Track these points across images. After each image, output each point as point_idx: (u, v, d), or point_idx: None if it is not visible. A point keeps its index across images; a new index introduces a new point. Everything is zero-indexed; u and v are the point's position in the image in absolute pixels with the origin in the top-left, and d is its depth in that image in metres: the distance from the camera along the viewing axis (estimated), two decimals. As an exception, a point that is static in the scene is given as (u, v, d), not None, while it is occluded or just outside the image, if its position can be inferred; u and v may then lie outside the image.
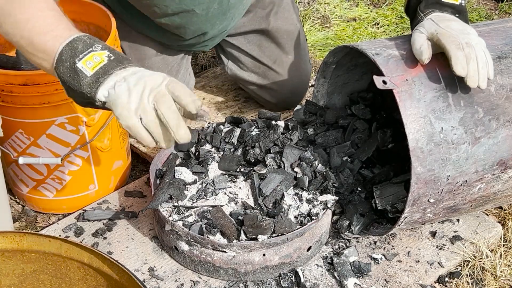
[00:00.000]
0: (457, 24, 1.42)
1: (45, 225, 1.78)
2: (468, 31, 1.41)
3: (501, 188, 1.55)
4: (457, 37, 1.38)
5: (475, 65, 1.36)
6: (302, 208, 1.57)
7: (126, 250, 1.64)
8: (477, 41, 1.40)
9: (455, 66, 1.36)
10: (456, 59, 1.36)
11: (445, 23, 1.41)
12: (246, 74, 2.09)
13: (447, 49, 1.37)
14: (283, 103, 2.09)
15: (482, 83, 1.38)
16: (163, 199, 1.56)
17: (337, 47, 1.65)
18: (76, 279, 1.38)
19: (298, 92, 2.10)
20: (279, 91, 2.08)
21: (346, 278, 1.55)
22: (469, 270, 1.62)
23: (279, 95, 2.09)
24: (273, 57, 2.04)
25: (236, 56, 2.06)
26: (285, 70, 2.06)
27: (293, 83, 2.07)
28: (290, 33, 2.04)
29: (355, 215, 1.62)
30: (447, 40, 1.38)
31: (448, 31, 1.39)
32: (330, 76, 1.80)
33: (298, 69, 2.08)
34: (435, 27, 1.41)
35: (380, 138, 1.73)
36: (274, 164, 1.65)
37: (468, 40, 1.38)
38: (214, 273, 1.54)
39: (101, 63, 1.20)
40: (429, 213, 1.50)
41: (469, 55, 1.36)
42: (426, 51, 1.40)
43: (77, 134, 1.66)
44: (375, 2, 3.07)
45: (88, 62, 1.21)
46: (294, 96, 2.10)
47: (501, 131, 1.47)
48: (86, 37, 1.23)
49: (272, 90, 2.09)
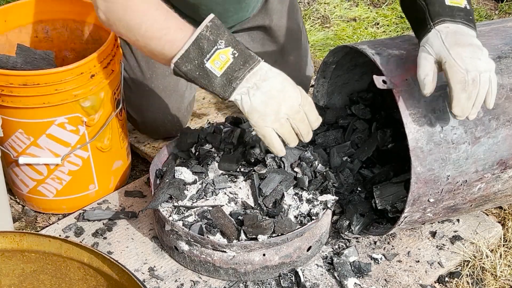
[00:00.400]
0: (469, 51, 1.30)
1: (45, 225, 1.78)
2: (478, 57, 1.31)
3: (501, 187, 1.55)
4: (465, 74, 1.28)
5: (472, 103, 1.31)
6: (302, 208, 1.57)
7: (126, 250, 1.64)
8: (484, 70, 1.30)
9: (454, 107, 1.30)
10: (457, 101, 1.29)
11: (455, 49, 1.30)
12: None
13: (451, 86, 1.30)
14: None
15: (471, 116, 1.33)
16: (163, 199, 1.56)
17: (337, 47, 1.65)
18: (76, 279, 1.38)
19: None
20: None
21: (346, 278, 1.55)
22: (469, 270, 1.62)
23: None
24: (274, 57, 2.04)
25: None
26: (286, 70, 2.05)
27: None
28: (293, 32, 2.04)
29: (355, 215, 1.62)
30: (454, 77, 1.29)
31: (458, 64, 1.29)
32: (330, 76, 1.80)
33: (299, 69, 2.07)
34: (444, 52, 1.30)
35: (380, 138, 1.73)
36: (274, 164, 1.65)
37: (475, 74, 1.28)
38: (214, 273, 1.54)
39: (227, 62, 1.35)
40: (429, 212, 1.50)
41: (469, 94, 1.29)
42: (430, 85, 1.32)
43: (77, 134, 1.66)
44: (375, 2, 3.07)
45: (216, 62, 1.35)
46: None
47: (501, 131, 1.47)
48: (208, 32, 1.35)
49: None
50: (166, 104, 1.91)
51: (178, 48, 1.37)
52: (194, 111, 2.17)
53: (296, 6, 2.08)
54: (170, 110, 1.93)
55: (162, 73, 1.90)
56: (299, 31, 2.06)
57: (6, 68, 1.66)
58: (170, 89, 1.92)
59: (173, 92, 1.93)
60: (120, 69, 1.72)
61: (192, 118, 2.13)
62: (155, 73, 1.90)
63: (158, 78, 1.91)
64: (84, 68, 1.58)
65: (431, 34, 1.34)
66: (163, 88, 1.92)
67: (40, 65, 1.76)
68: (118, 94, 1.74)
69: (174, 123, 1.95)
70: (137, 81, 1.90)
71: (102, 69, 1.62)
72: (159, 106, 1.92)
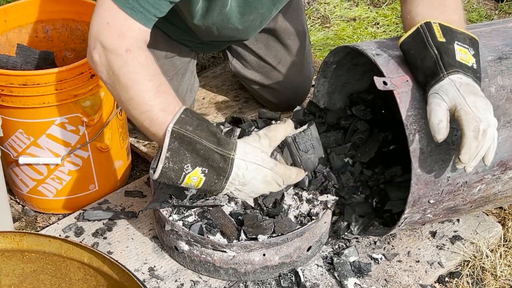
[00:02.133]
0: (482, 102, 1.31)
1: (45, 225, 1.78)
2: (490, 109, 1.32)
3: (501, 189, 1.55)
4: (478, 122, 1.28)
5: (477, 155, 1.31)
6: (302, 208, 1.57)
7: (126, 250, 1.64)
8: (493, 125, 1.31)
9: (463, 154, 1.30)
10: (468, 148, 1.29)
11: (471, 98, 1.30)
12: (249, 73, 2.09)
13: (464, 133, 1.29)
14: (284, 104, 2.09)
15: (469, 169, 1.34)
16: (163, 199, 1.56)
17: (338, 47, 1.64)
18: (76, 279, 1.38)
19: (300, 93, 2.10)
20: (281, 92, 2.08)
21: (346, 278, 1.55)
22: (469, 270, 1.62)
23: (281, 95, 2.09)
24: (279, 57, 2.04)
25: (242, 54, 2.06)
26: (289, 70, 2.06)
27: (295, 84, 2.07)
28: (297, 33, 2.03)
29: (353, 216, 1.62)
30: (469, 124, 1.29)
31: (472, 112, 1.29)
32: (330, 75, 1.80)
33: (302, 70, 2.08)
34: (460, 99, 1.30)
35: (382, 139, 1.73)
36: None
37: (485, 126, 1.29)
38: (214, 273, 1.54)
39: (201, 181, 1.39)
40: (429, 213, 1.50)
41: (480, 146, 1.30)
42: (444, 131, 1.30)
43: (77, 134, 1.66)
44: (375, 2, 3.07)
45: (190, 183, 1.40)
46: (296, 97, 2.10)
47: (502, 132, 1.47)
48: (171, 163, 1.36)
49: (274, 90, 2.09)
50: None
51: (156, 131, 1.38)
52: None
53: (301, 7, 2.08)
54: None
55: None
56: (304, 32, 2.06)
57: (6, 68, 1.66)
58: None
59: None
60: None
61: (192, 118, 2.13)
62: None
63: None
64: (84, 68, 1.58)
65: (444, 82, 1.33)
66: None
67: (40, 65, 1.76)
68: (118, 94, 1.74)
69: None
70: None
71: (102, 69, 1.62)
72: None
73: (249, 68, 2.08)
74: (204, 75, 2.38)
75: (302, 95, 2.11)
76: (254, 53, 2.05)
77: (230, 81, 2.31)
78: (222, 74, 2.36)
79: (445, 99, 1.32)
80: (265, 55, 2.04)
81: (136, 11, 1.38)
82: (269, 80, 2.07)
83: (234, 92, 2.27)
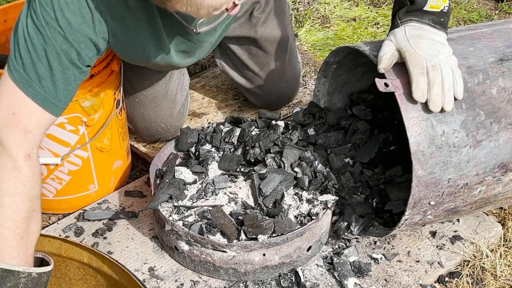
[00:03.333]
0: (428, 43, 1.39)
1: (45, 225, 1.78)
2: (438, 50, 1.39)
3: (502, 190, 1.55)
4: (423, 60, 1.36)
5: (439, 89, 1.36)
6: (302, 208, 1.57)
7: (126, 250, 1.64)
8: (445, 61, 1.38)
9: (414, 92, 1.37)
10: (416, 85, 1.36)
11: (415, 40, 1.39)
12: (235, 75, 2.07)
13: (410, 72, 1.38)
14: (269, 107, 2.05)
15: (447, 106, 1.38)
16: (163, 199, 1.56)
17: (339, 48, 1.64)
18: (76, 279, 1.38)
19: (285, 96, 2.09)
20: (265, 96, 2.07)
21: (346, 278, 1.55)
22: (469, 270, 1.62)
23: (265, 99, 2.07)
24: (261, 64, 2.02)
25: (229, 56, 2.05)
26: (272, 76, 2.03)
27: (279, 88, 2.05)
28: (279, 40, 2.01)
29: (353, 216, 1.62)
30: (412, 63, 1.37)
31: (415, 52, 1.38)
32: (331, 75, 1.80)
33: (286, 74, 2.05)
34: (404, 42, 1.40)
35: (382, 140, 1.73)
36: (274, 164, 1.65)
37: (435, 62, 1.36)
38: (214, 273, 1.54)
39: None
40: (430, 215, 1.50)
41: (433, 79, 1.35)
42: (386, 61, 1.40)
43: (76, 134, 1.66)
44: (375, 2, 3.07)
45: None
46: (281, 100, 2.09)
47: (502, 134, 1.46)
48: None
49: (258, 95, 2.07)
50: (157, 113, 1.91)
51: None
52: (193, 110, 2.16)
53: (283, 10, 2.03)
54: (162, 118, 1.92)
55: (150, 83, 1.89)
56: (286, 37, 2.02)
57: (6, 68, 1.66)
58: (160, 98, 1.91)
59: (163, 100, 1.92)
60: (120, 69, 1.72)
61: (192, 118, 2.13)
62: (143, 84, 1.88)
63: (147, 89, 1.89)
64: (84, 68, 1.58)
65: (397, 29, 1.43)
66: (152, 98, 1.90)
67: (40, 65, 1.76)
68: (117, 94, 1.74)
69: (168, 129, 1.95)
70: (126, 93, 1.87)
71: (102, 69, 1.62)
72: (150, 116, 1.91)
73: (235, 71, 2.07)
74: (204, 75, 2.38)
75: (287, 98, 2.10)
76: (238, 59, 2.02)
77: (230, 81, 2.31)
78: (222, 74, 2.36)
79: (393, 40, 1.43)
80: (247, 62, 2.01)
81: (48, 102, 1.31)
82: (252, 85, 2.05)
83: (234, 91, 2.27)
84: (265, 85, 2.04)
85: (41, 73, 1.30)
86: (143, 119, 1.92)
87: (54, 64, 1.31)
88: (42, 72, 1.30)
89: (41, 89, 1.30)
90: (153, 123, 1.92)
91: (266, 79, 2.03)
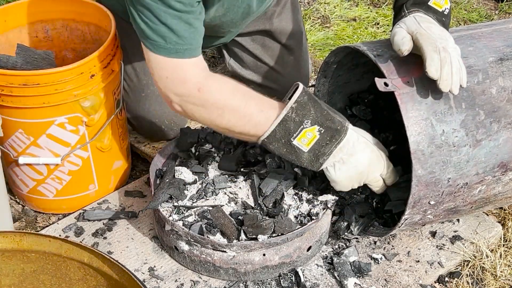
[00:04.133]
0: (438, 29, 1.43)
1: (45, 225, 1.78)
2: (446, 37, 1.42)
3: (502, 190, 1.55)
4: (435, 41, 1.38)
5: (449, 69, 1.36)
6: (302, 208, 1.57)
7: (126, 250, 1.64)
8: (453, 47, 1.40)
9: (429, 67, 1.36)
10: (431, 60, 1.36)
11: (426, 24, 1.42)
12: (246, 73, 2.09)
13: (424, 49, 1.37)
14: None
15: (455, 88, 1.38)
16: (163, 199, 1.56)
17: (339, 47, 1.64)
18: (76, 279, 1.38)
19: None
20: (279, 91, 2.08)
21: (346, 278, 1.55)
22: (469, 270, 1.62)
23: (278, 94, 2.08)
24: (275, 57, 2.04)
25: (239, 55, 2.06)
26: (286, 70, 2.06)
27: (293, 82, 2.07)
28: (294, 33, 2.03)
29: (353, 216, 1.62)
30: (426, 41, 1.38)
31: (428, 33, 1.40)
32: (331, 75, 1.80)
33: (299, 69, 2.08)
34: (416, 26, 1.42)
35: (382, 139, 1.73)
36: (274, 164, 1.65)
37: (445, 45, 1.38)
38: (214, 273, 1.54)
39: (314, 139, 1.44)
40: (430, 214, 1.50)
41: (444, 59, 1.36)
42: (408, 43, 1.39)
43: (77, 134, 1.66)
44: (375, 2, 3.07)
45: (303, 139, 1.44)
46: None
47: (502, 134, 1.47)
48: (294, 114, 1.43)
49: (271, 90, 2.08)
50: (162, 110, 1.91)
51: (263, 130, 1.44)
52: (194, 111, 2.16)
53: (297, 6, 2.07)
54: (167, 115, 1.92)
55: None
56: (300, 31, 2.06)
57: (6, 68, 1.66)
58: None
59: None
60: (120, 69, 1.72)
61: (192, 118, 2.13)
62: (151, 79, 1.89)
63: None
64: (84, 68, 1.58)
65: (406, 18, 1.45)
66: (158, 93, 1.91)
67: (40, 65, 1.76)
68: (118, 94, 1.74)
69: (171, 127, 1.95)
70: (133, 87, 1.89)
71: (102, 69, 1.62)
72: (155, 112, 1.91)
73: (246, 68, 2.08)
74: (204, 75, 2.37)
75: None
76: (251, 53, 2.05)
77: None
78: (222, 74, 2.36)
79: (403, 27, 1.44)
80: (261, 55, 2.04)
81: (182, 52, 1.42)
82: (267, 80, 2.07)
83: (234, 92, 2.27)
84: (279, 79, 2.06)
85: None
86: (147, 115, 1.92)
87: None
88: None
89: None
90: (158, 120, 1.92)
91: (280, 72, 2.05)
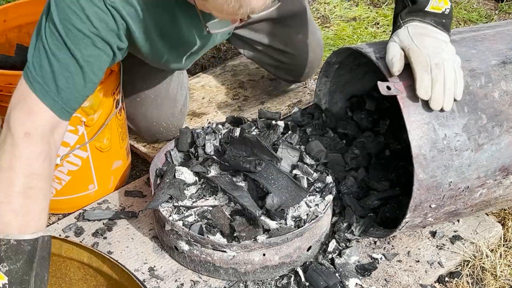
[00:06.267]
0: (432, 41, 1.41)
1: (44, 225, 1.78)
2: (442, 48, 1.40)
3: (502, 193, 1.55)
4: (427, 57, 1.37)
5: (441, 87, 1.36)
6: (302, 208, 1.57)
7: (126, 250, 1.64)
8: (448, 59, 1.38)
9: (418, 89, 1.37)
10: (420, 82, 1.36)
11: (419, 38, 1.40)
12: (262, 58, 2.10)
13: (414, 69, 1.38)
14: (302, 78, 2.15)
15: (447, 105, 1.38)
16: (163, 199, 1.56)
17: (341, 48, 1.65)
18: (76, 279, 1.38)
19: (315, 64, 2.12)
20: (296, 70, 2.11)
21: (347, 278, 1.54)
22: (469, 270, 1.62)
23: (297, 72, 2.12)
24: (285, 40, 2.04)
25: (250, 44, 2.07)
26: (298, 49, 2.06)
27: (308, 58, 2.08)
28: (298, 14, 2.03)
29: (353, 216, 1.62)
30: (416, 60, 1.38)
31: (419, 49, 1.38)
32: (332, 75, 1.80)
33: (310, 43, 2.07)
34: (408, 40, 1.41)
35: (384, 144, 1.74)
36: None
37: (438, 60, 1.37)
38: (214, 273, 1.54)
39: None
40: (430, 217, 1.50)
41: (435, 77, 1.36)
42: (397, 63, 1.40)
43: (76, 134, 1.66)
44: (375, 2, 3.07)
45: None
46: (312, 69, 2.13)
47: (504, 138, 1.46)
48: None
49: (289, 70, 2.10)
50: (159, 113, 1.91)
51: None
52: (193, 110, 2.16)
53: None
54: (164, 118, 1.92)
55: (152, 82, 1.89)
56: (303, 8, 2.04)
57: (5, 68, 1.66)
58: (161, 97, 1.92)
59: (164, 99, 1.92)
60: (119, 69, 1.72)
61: (192, 117, 2.13)
62: (145, 83, 1.89)
63: (149, 88, 1.90)
64: (84, 68, 1.58)
65: (400, 30, 1.45)
66: (154, 97, 1.91)
67: (40, 65, 1.76)
68: (117, 94, 1.74)
69: (169, 129, 1.95)
70: (127, 93, 1.88)
71: (102, 69, 1.62)
72: (152, 115, 1.91)
73: (260, 54, 2.09)
74: (204, 75, 2.38)
75: (317, 65, 2.14)
76: (260, 43, 2.05)
77: (230, 81, 2.31)
78: (222, 74, 2.37)
79: (396, 40, 1.44)
80: (270, 42, 2.05)
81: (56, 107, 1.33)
82: (281, 63, 2.09)
83: (234, 91, 2.27)
84: (293, 59, 2.07)
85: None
86: (145, 119, 1.92)
87: None
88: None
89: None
90: (155, 122, 1.92)
91: (293, 53, 2.06)
